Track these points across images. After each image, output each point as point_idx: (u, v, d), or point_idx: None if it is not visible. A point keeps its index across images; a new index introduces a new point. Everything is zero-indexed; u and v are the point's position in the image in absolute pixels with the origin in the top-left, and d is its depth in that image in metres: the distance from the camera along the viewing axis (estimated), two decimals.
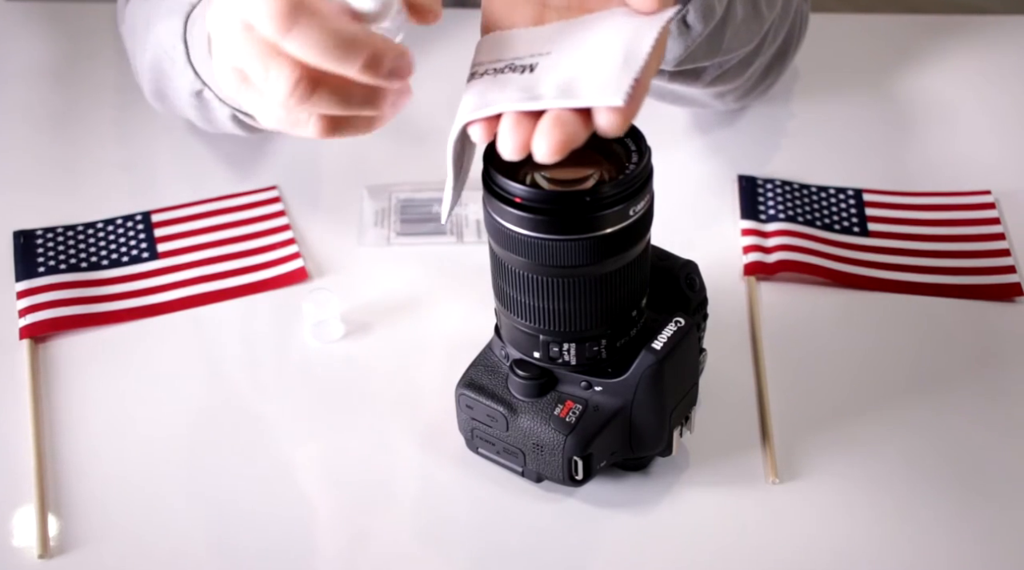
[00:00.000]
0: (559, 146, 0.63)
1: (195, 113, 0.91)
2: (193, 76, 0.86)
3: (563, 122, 0.63)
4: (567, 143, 0.63)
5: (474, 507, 0.81)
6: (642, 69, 0.63)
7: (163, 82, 0.92)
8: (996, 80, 1.13)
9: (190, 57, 0.86)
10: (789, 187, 1.01)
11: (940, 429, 0.85)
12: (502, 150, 0.64)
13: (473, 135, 0.66)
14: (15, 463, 0.84)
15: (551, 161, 0.63)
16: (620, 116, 0.63)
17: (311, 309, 0.91)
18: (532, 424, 0.77)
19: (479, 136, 0.65)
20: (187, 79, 0.87)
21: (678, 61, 0.87)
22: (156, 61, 0.90)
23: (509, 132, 0.64)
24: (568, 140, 0.63)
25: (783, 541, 0.79)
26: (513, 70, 0.66)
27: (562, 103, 0.63)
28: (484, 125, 0.65)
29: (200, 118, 0.92)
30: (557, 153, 0.63)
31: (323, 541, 0.80)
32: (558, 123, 0.63)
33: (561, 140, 0.62)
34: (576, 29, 0.68)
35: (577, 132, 0.63)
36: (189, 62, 0.86)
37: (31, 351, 0.90)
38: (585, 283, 0.72)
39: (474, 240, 0.98)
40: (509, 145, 0.64)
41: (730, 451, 0.84)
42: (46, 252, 0.97)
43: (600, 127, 0.63)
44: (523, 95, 0.64)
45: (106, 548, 0.79)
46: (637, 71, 0.63)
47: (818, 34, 1.11)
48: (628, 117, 0.63)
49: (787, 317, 0.92)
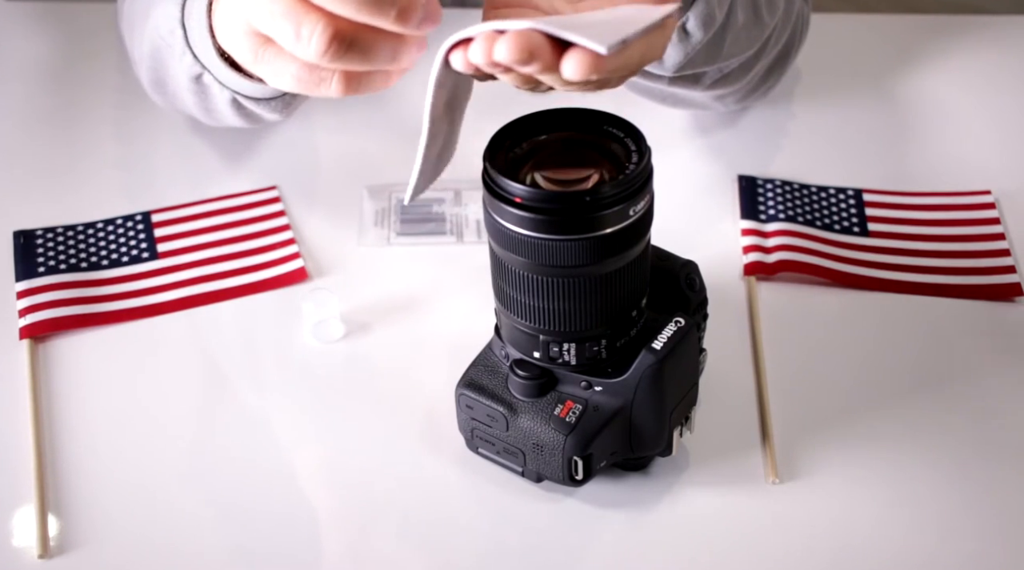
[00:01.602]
0: (518, 49, 0.60)
1: (194, 100, 0.90)
2: (192, 60, 0.86)
3: (528, 35, 0.61)
4: (527, 50, 0.60)
5: (474, 507, 0.81)
6: (635, 34, 0.62)
7: (161, 71, 0.92)
8: (996, 80, 1.13)
9: (189, 41, 0.86)
10: (789, 187, 1.01)
11: (940, 429, 0.85)
12: (470, 55, 0.62)
13: (455, 61, 0.64)
14: (15, 463, 0.84)
15: (507, 62, 0.61)
16: (590, 63, 0.60)
17: (311, 309, 0.91)
18: (532, 424, 0.77)
19: (459, 60, 0.64)
20: (186, 64, 0.87)
21: (678, 67, 0.87)
22: (154, 49, 0.90)
23: (479, 42, 0.62)
24: (530, 48, 0.60)
25: (783, 541, 0.79)
26: None
27: (546, 28, 0.61)
28: (463, 48, 0.63)
29: (199, 106, 0.91)
30: (514, 57, 0.60)
31: (323, 541, 0.80)
32: (523, 34, 0.61)
33: (522, 45, 0.60)
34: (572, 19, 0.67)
35: (541, 50, 0.61)
36: (188, 46, 0.86)
37: (31, 351, 0.90)
38: (585, 283, 0.72)
39: (474, 240, 0.98)
40: (477, 52, 0.62)
41: (730, 451, 0.84)
42: (46, 252, 0.97)
43: (566, 69, 0.61)
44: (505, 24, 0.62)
45: (106, 548, 0.79)
46: (629, 34, 0.61)
47: (818, 34, 1.11)
48: (599, 69, 0.61)
49: (787, 317, 0.92)
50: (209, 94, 0.88)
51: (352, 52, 0.64)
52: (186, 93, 0.90)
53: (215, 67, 0.84)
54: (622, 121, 0.73)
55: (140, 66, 0.96)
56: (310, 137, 1.07)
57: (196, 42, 0.85)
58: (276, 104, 0.87)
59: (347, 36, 0.63)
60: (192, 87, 0.89)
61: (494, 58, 0.62)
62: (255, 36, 0.67)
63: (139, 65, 0.96)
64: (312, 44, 0.63)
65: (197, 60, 0.86)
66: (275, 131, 1.07)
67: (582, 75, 0.61)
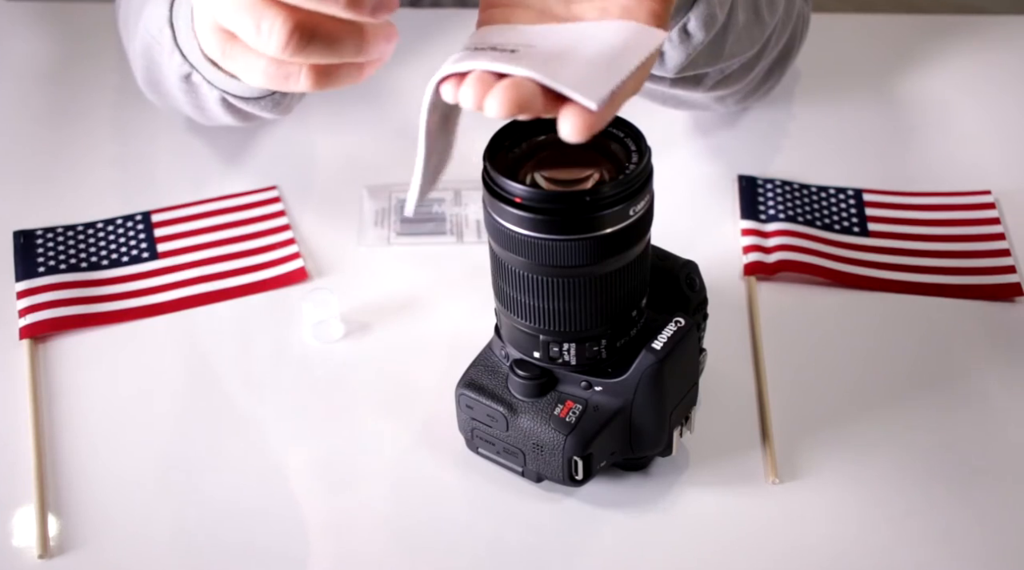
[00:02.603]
0: (509, 105, 0.61)
1: (186, 99, 0.90)
2: (181, 59, 0.86)
3: (521, 87, 0.61)
4: (518, 104, 0.61)
5: (474, 507, 0.81)
6: (623, 82, 0.62)
7: (154, 70, 0.92)
8: (996, 80, 1.13)
9: (177, 40, 0.86)
10: (789, 187, 1.01)
11: (940, 429, 0.85)
12: (460, 99, 0.63)
13: (445, 94, 0.64)
14: (15, 463, 0.84)
15: (496, 116, 0.61)
16: (585, 122, 0.61)
17: (311, 309, 0.91)
18: (532, 424, 0.77)
19: (450, 93, 0.64)
20: (175, 63, 0.87)
21: (679, 68, 0.87)
22: (146, 48, 0.91)
23: (471, 83, 0.62)
24: (521, 102, 0.61)
25: (783, 541, 0.79)
26: (494, 50, 0.65)
27: (536, 76, 0.62)
28: (455, 81, 0.64)
29: (191, 105, 0.91)
30: (505, 110, 0.61)
31: (323, 541, 0.80)
32: (515, 86, 0.61)
33: (514, 99, 0.61)
34: (567, 31, 0.67)
35: (533, 102, 0.61)
36: (176, 45, 0.86)
37: (31, 351, 0.90)
38: (585, 283, 0.72)
39: (474, 240, 0.98)
40: (468, 95, 0.62)
41: (730, 451, 0.84)
42: (46, 252, 0.97)
43: (563, 129, 0.62)
44: (496, 62, 0.63)
45: (106, 548, 0.79)
46: (617, 82, 0.62)
47: (819, 34, 1.11)
48: (593, 129, 0.62)
49: (787, 317, 0.92)
50: (199, 93, 0.89)
51: (314, 44, 0.63)
52: (178, 92, 0.90)
53: (202, 66, 0.84)
54: (622, 121, 0.73)
55: (135, 66, 0.96)
56: (310, 137, 1.07)
57: (184, 41, 0.85)
58: (265, 103, 0.87)
59: (308, 28, 0.63)
60: (183, 86, 0.89)
61: (484, 110, 0.62)
62: (221, 32, 0.67)
63: (134, 65, 0.96)
64: (273, 38, 0.63)
65: (186, 59, 0.86)
66: (275, 131, 1.07)
67: (584, 136, 0.62)
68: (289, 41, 0.63)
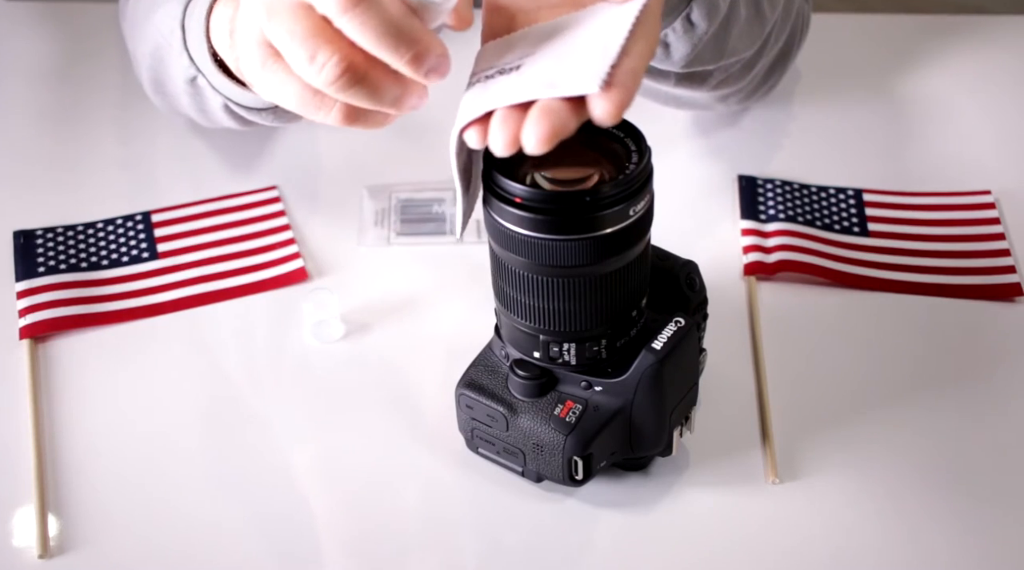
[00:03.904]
0: (548, 135, 0.62)
1: (189, 102, 0.90)
2: (188, 62, 0.86)
3: (551, 111, 0.62)
4: (556, 132, 0.62)
5: (474, 507, 0.81)
6: (618, 54, 0.62)
7: (161, 70, 0.92)
8: (996, 80, 1.13)
9: (187, 43, 0.86)
10: (789, 187, 1.01)
11: (940, 429, 0.85)
12: (493, 148, 0.64)
13: (470, 141, 0.65)
14: (15, 463, 0.84)
15: (541, 151, 0.62)
16: (610, 103, 0.61)
17: (311, 309, 0.91)
18: (532, 424, 0.77)
19: (475, 140, 0.65)
20: (182, 65, 0.87)
21: (686, 61, 0.87)
22: (155, 48, 0.90)
23: (499, 128, 0.63)
24: (557, 129, 0.62)
25: (783, 541, 0.79)
26: (502, 73, 0.66)
27: (544, 94, 0.62)
28: (478, 128, 0.65)
29: (195, 108, 0.91)
30: (546, 143, 0.62)
31: (323, 541, 0.80)
32: (546, 113, 0.62)
33: (549, 129, 0.62)
34: (560, 27, 0.68)
35: (566, 121, 0.62)
36: (185, 47, 0.86)
37: (31, 351, 0.90)
38: (585, 283, 0.72)
39: (474, 240, 0.98)
40: (499, 141, 0.63)
41: (730, 451, 0.84)
42: (46, 252, 0.97)
43: (594, 116, 0.62)
44: (508, 93, 0.64)
45: (106, 548, 0.79)
46: (613, 57, 0.62)
47: (819, 34, 1.11)
48: (619, 104, 0.62)
49: (787, 317, 0.92)
50: (203, 97, 0.89)
51: (360, 87, 0.64)
52: (182, 95, 0.90)
53: (209, 71, 0.84)
54: (622, 121, 0.73)
55: (141, 66, 0.96)
56: (310, 137, 1.07)
57: (193, 45, 0.85)
58: (267, 114, 0.87)
59: (359, 71, 0.64)
60: (188, 89, 0.89)
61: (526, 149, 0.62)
62: (266, 47, 0.67)
63: (140, 65, 0.96)
64: (324, 72, 0.63)
65: (192, 62, 0.86)
66: (275, 131, 1.07)
67: (613, 116, 0.62)
68: (338, 79, 0.63)
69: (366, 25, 0.62)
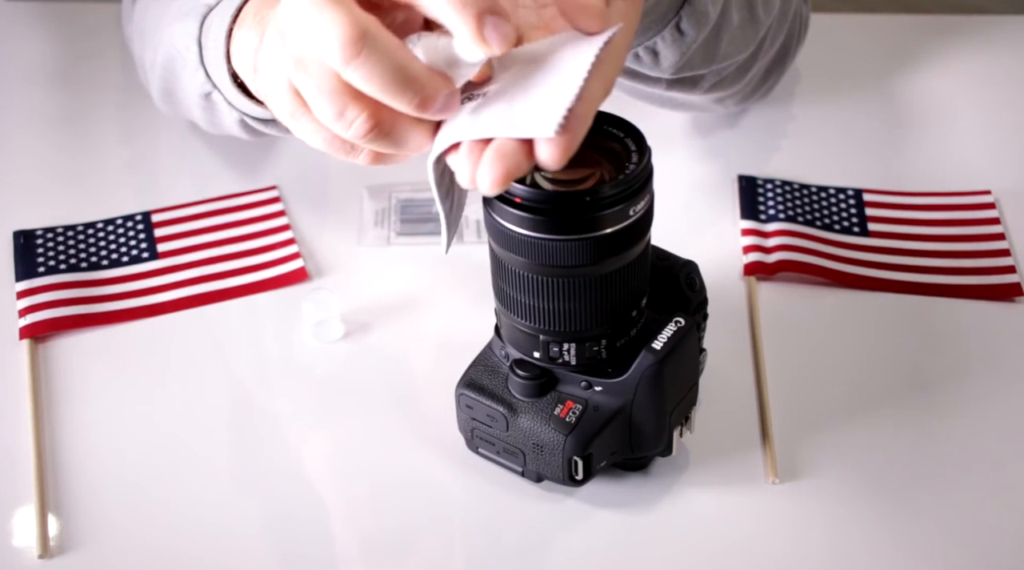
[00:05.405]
0: (501, 179, 0.62)
1: (201, 114, 0.91)
2: (204, 78, 0.86)
3: (505, 155, 0.62)
4: (509, 174, 0.62)
5: (474, 507, 0.81)
6: (576, 97, 0.61)
7: (172, 82, 0.92)
8: (996, 80, 1.13)
9: (204, 60, 0.86)
10: (789, 187, 1.01)
11: (940, 429, 0.85)
12: (459, 181, 0.64)
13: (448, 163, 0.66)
14: (15, 463, 0.84)
15: (494, 194, 0.63)
16: (557, 149, 0.61)
17: (311, 309, 0.91)
18: (532, 424, 0.77)
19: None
20: (198, 81, 0.87)
21: (676, 68, 0.87)
22: (168, 60, 0.90)
23: (463, 162, 0.64)
24: (511, 171, 0.62)
25: (783, 541, 0.79)
26: (470, 99, 0.65)
27: (504, 132, 0.62)
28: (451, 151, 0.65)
29: (205, 119, 0.92)
30: (499, 186, 0.62)
31: (322, 541, 0.80)
32: (500, 156, 0.62)
33: (503, 173, 0.62)
34: (530, 55, 0.66)
35: (519, 163, 0.62)
36: (202, 64, 0.86)
37: (31, 351, 0.90)
38: (585, 283, 0.72)
39: (474, 240, 0.98)
40: (463, 176, 0.64)
41: (730, 451, 0.84)
42: (46, 252, 0.97)
43: (540, 161, 0.62)
44: (469, 126, 0.64)
45: (106, 548, 0.79)
46: (570, 100, 0.61)
47: (818, 34, 1.11)
48: (566, 150, 0.62)
49: (787, 317, 0.92)
50: (217, 111, 0.89)
51: (387, 139, 0.65)
52: (194, 107, 0.90)
53: (227, 90, 0.84)
54: (622, 121, 0.73)
55: (151, 74, 0.95)
56: None
57: (211, 63, 0.85)
58: (281, 127, 0.87)
59: (386, 126, 0.64)
60: (201, 102, 0.89)
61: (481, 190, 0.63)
62: (296, 96, 0.67)
63: (150, 73, 0.95)
64: (353, 128, 0.64)
65: (209, 79, 0.86)
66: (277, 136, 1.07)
67: (559, 163, 0.62)
68: (366, 135, 0.64)
69: (371, 74, 0.62)
